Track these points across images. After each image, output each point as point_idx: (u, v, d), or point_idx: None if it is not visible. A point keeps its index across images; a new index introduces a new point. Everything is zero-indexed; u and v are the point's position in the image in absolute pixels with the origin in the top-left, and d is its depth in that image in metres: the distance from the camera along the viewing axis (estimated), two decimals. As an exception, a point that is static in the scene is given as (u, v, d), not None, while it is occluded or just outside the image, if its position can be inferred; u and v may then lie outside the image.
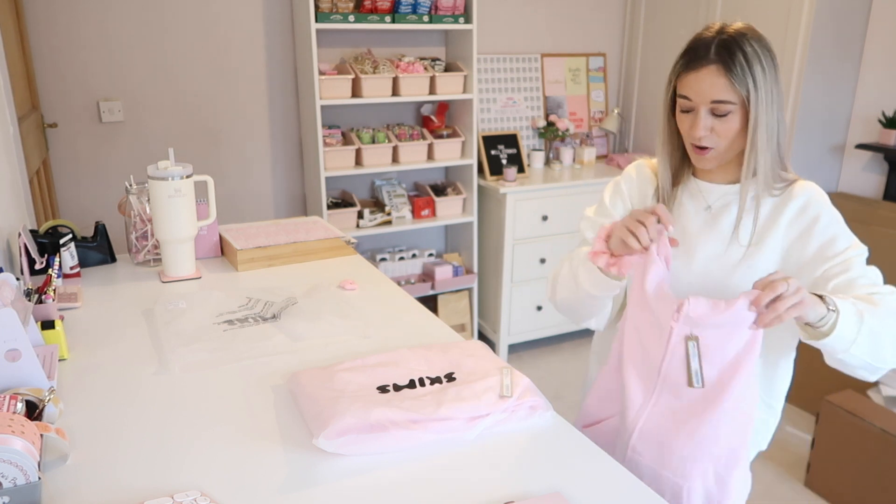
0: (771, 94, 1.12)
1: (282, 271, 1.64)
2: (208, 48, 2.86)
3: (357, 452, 0.90)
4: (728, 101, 1.11)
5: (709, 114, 1.13)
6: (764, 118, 1.11)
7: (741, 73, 1.10)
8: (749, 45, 1.12)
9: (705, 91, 1.11)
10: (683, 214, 1.24)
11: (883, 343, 1.04)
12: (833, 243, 1.14)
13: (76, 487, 0.84)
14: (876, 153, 2.73)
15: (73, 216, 2.73)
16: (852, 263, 1.12)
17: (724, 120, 1.12)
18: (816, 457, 2.29)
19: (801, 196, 1.17)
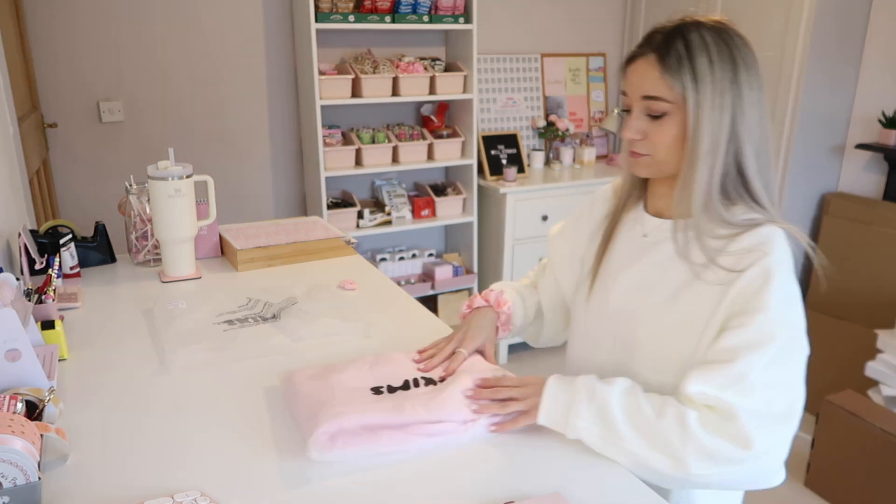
0: (723, 95, 0.89)
1: (282, 271, 1.64)
2: (208, 48, 2.86)
3: (348, 457, 0.89)
4: (660, 99, 0.91)
5: (643, 114, 0.94)
6: (707, 126, 0.89)
7: (676, 64, 0.90)
8: (698, 34, 0.91)
9: (637, 84, 0.94)
10: (619, 242, 1.08)
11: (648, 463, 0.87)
12: (751, 297, 0.88)
13: (76, 487, 0.84)
14: (876, 153, 2.73)
15: (73, 216, 2.73)
16: (740, 356, 0.86)
17: (659, 123, 0.93)
18: (816, 457, 2.29)
19: (753, 237, 0.91)
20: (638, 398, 0.90)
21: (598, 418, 0.89)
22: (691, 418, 0.86)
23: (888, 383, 2.32)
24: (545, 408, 0.92)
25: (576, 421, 0.89)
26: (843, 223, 2.77)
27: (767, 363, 0.86)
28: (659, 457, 0.86)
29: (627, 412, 0.88)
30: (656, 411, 0.88)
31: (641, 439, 0.87)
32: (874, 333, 2.43)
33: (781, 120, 2.75)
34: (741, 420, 0.84)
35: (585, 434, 0.89)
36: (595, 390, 0.91)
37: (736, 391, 0.85)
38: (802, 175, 2.81)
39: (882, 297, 2.64)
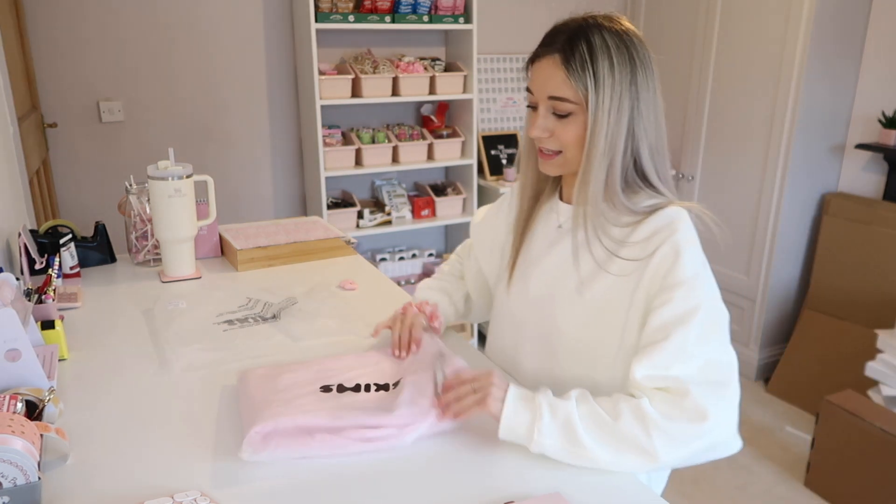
0: (621, 97, 0.93)
1: (282, 271, 1.64)
2: (208, 48, 2.86)
3: (281, 457, 0.88)
4: (565, 99, 0.94)
5: (549, 112, 0.97)
6: (603, 129, 0.93)
7: (579, 68, 0.92)
8: (600, 36, 0.93)
9: (542, 84, 0.96)
10: (536, 234, 1.11)
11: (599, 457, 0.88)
12: (666, 275, 0.92)
13: (76, 487, 0.84)
14: (876, 153, 2.73)
15: (73, 216, 2.72)
16: (673, 332, 0.90)
17: (565, 122, 0.96)
18: (816, 457, 2.29)
19: (656, 220, 0.96)
20: (591, 405, 0.89)
21: (562, 434, 0.87)
22: (647, 409, 0.87)
23: (888, 383, 2.32)
24: (507, 424, 0.89)
25: (541, 439, 0.87)
26: (843, 223, 2.77)
27: (699, 333, 0.89)
28: (628, 457, 0.87)
29: (587, 423, 0.87)
30: (612, 414, 0.88)
31: (607, 446, 0.87)
32: (874, 333, 2.43)
33: (781, 120, 2.75)
34: (692, 394, 0.87)
35: (550, 450, 0.88)
36: (556, 407, 0.89)
37: (679, 367, 0.89)
38: (802, 175, 2.81)
39: (882, 297, 2.64)
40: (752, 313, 3.01)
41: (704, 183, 3.17)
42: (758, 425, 2.71)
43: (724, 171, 3.06)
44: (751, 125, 2.89)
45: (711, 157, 3.12)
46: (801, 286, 3.02)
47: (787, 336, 3.03)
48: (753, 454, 2.52)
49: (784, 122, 2.74)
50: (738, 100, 2.93)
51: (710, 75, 3.04)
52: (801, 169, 2.80)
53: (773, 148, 2.80)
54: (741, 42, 2.88)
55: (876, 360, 2.36)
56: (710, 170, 3.13)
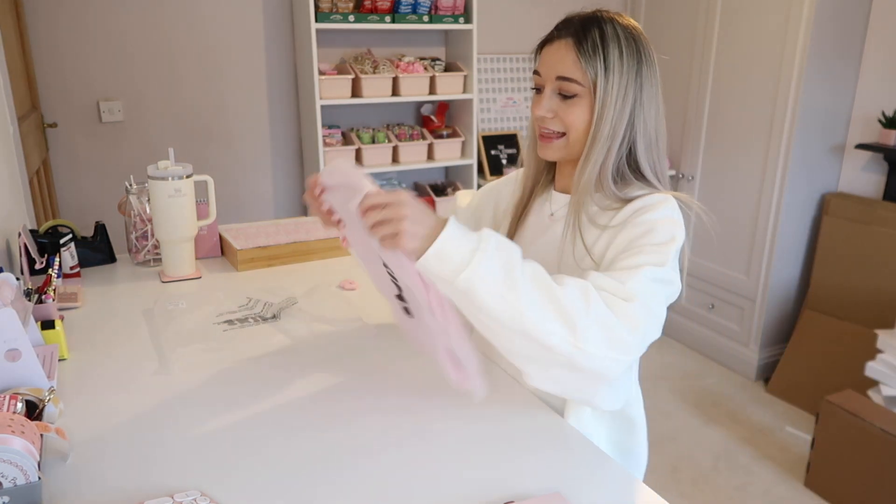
0: (627, 87, 0.97)
1: (282, 271, 1.64)
2: (208, 48, 2.86)
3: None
4: (574, 80, 0.97)
5: (555, 93, 1.00)
6: (609, 114, 0.97)
7: (591, 51, 0.96)
8: (612, 26, 0.98)
9: (552, 65, 0.99)
10: (528, 223, 1.13)
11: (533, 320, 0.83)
12: (638, 238, 0.95)
13: (76, 487, 0.84)
14: (876, 153, 2.73)
15: (73, 216, 2.73)
16: (631, 256, 0.93)
17: (570, 103, 0.99)
18: (816, 457, 2.29)
19: (639, 201, 0.99)
20: (537, 265, 0.87)
21: (501, 272, 0.82)
22: (593, 291, 0.86)
23: (888, 383, 2.32)
24: (443, 245, 0.81)
25: (478, 266, 0.81)
26: (843, 223, 2.77)
27: (657, 274, 0.91)
28: (553, 325, 0.83)
29: (530, 274, 0.84)
30: (558, 280, 0.86)
31: (541, 299, 0.82)
32: (874, 333, 2.43)
33: (781, 120, 2.75)
34: (636, 302, 0.87)
35: (481, 282, 0.81)
36: (502, 243, 0.85)
37: (632, 283, 0.89)
38: (802, 175, 2.81)
39: (882, 297, 2.64)
40: (752, 313, 3.01)
41: (704, 183, 3.17)
42: (758, 425, 2.71)
43: (724, 171, 3.06)
44: (751, 125, 2.89)
45: (711, 157, 3.12)
46: (801, 286, 3.02)
47: (787, 336, 3.03)
48: (753, 454, 2.52)
49: (784, 122, 2.74)
50: (738, 100, 2.93)
51: (710, 75, 3.04)
52: (801, 169, 2.80)
53: (772, 148, 2.80)
54: (741, 42, 2.88)
55: (876, 360, 2.36)
56: (710, 170, 3.13)
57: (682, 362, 3.20)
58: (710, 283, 3.16)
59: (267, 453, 0.91)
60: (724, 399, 2.90)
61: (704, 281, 3.16)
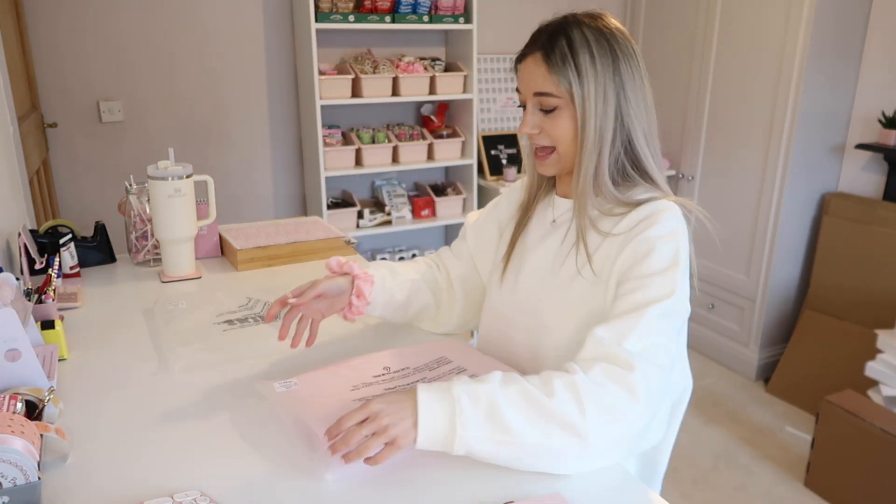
0: (606, 88, 0.95)
1: (282, 271, 1.64)
2: (208, 48, 2.86)
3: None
4: (550, 94, 0.97)
5: (536, 109, 1.00)
6: (592, 120, 0.95)
7: (560, 62, 0.95)
8: (579, 31, 0.96)
9: (527, 82, 0.99)
10: (531, 228, 1.13)
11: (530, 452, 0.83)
12: (641, 261, 0.93)
13: (76, 487, 0.84)
14: (876, 153, 2.73)
15: (73, 216, 2.73)
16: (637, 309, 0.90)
17: (552, 116, 0.98)
18: (816, 457, 2.29)
19: (643, 210, 0.97)
20: (520, 383, 0.85)
21: (487, 421, 0.81)
22: (581, 383, 0.84)
23: (888, 383, 2.32)
24: (424, 429, 0.80)
25: (464, 431, 0.80)
26: (843, 223, 2.77)
27: (661, 315, 0.89)
28: (556, 438, 0.82)
29: (515, 403, 0.82)
30: (544, 390, 0.83)
31: (539, 430, 0.82)
32: (874, 333, 2.43)
33: (781, 120, 2.75)
34: (636, 370, 0.85)
35: (475, 443, 0.81)
36: (476, 392, 0.83)
37: (633, 341, 0.87)
38: (802, 175, 2.81)
39: (882, 297, 2.64)
40: (752, 313, 3.01)
41: (704, 183, 3.17)
42: (758, 425, 2.71)
43: (724, 171, 3.06)
44: (751, 125, 2.89)
45: (711, 157, 3.12)
46: (801, 286, 3.02)
47: (787, 336, 3.03)
48: (753, 454, 2.52)
49: (784, 122, 2.74)
50: (738, 100, 2.93)
51: (710, 75, 3.04)
52: (801, 169, 2.80)
53: (773, 148, 2.80)
54: (741, 42, 2.88)
55: (876, 360, 2.36)
56: (710, 170, 3.13)
57: (682, 362, 3.20)
58: (710, 283, 3.16)
59: (267, 453, 0.91)
60: (724, 399, 2.90)
61: (704, 281, 3.16)
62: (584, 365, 0.87)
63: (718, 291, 3.14)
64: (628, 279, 0.93)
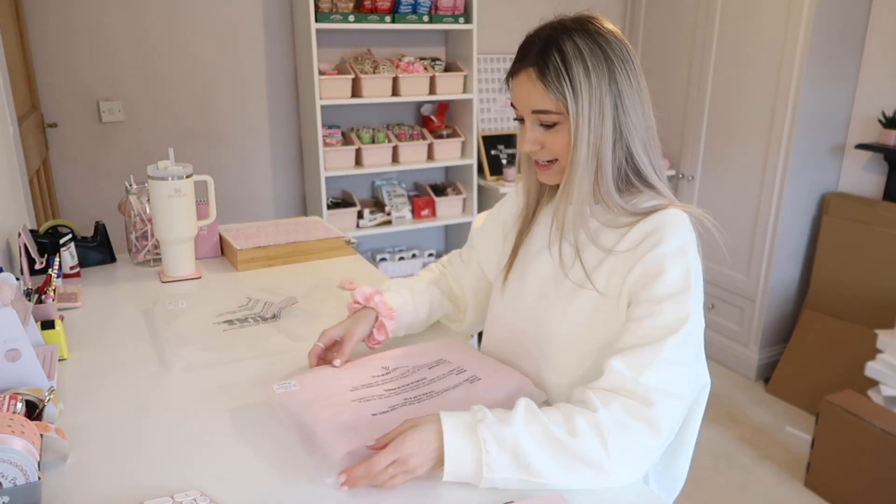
0: (602, 100, 0.91)
1: (282, 271, 1.64)
2: (208, 48, 2.86)
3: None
4: (548, 111, 0.93)
5: (536, 125, 0.96)
6: (585, 133, 0.92)
7: (555, 78, 0.91)
8: (571, 42, 0.91)
9: (523, 99, 0.96)
10: (536, 233, 1.10)
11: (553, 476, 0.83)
12: (652, 282, 0.91)
13: (76, 487, 0.84)
14: (876, 153, 2.73)
15: (73, 216, 2.73)
16: (654, 340, 0.88)
17: (553, 132, 0.95)
18: (816, 457, 2.29)
19: (650, 222, 0.94)
20: (543, 423, 0.84)
21: (513, 465, 0.82)
22: (604, 422, 0.84)
23: (888, 383, 2.32)
24: (450, 468, 0.82)
25: (490, 474, 0.82)
26: (843, 223, 2.77)
27: (678, 342, 0.88)
28: (580, 475, 0.84)
29: (541, 446, 0.83)
30: (567, 429, 0.84)
31: (563, 468, 0.83)
32: (874, 333, 2.43)
33: (781, 120, 2.75)
34: (656, 405, 0.85)
35: (502, 483, 0.83)
36: (502, 435, 0.83)
37: (651, 374, 0.87)
38: (802, 175, 2.81)
39: (882, 297, 2.64)
40: (752, 313, 3.01)
41: (704, 183, 3.17)
42: (758, 425, 2.71)
43: (724, 171, 3.06)
44: (751, 125, 2.89)
45: (711, 157, 3.12)
46: (801, 286, 3.02)
47: (787, 336, 3.03)
48: (753, 454, 2.52)
49: (784, 123, 2.74)
50: (738, 100, 2.93)
51: (710, 75, 3.04)
52: (801, 169, 2.80)
53: (773, 148, 2.80)
54: (741, 42, 2.88)
55: (876, 360, 2.36)
56: (710, 170, 3.13)
57: (682, 362, 3.20)
58: (710, 283, 3.15)
59: (267, 453, 0.91)
60: (724, 399, 2.90)
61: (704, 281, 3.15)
62: (601, 397, 0.87)
63: (718, 291, 3.15)
64: (640, 302, 0.91)
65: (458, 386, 1.02)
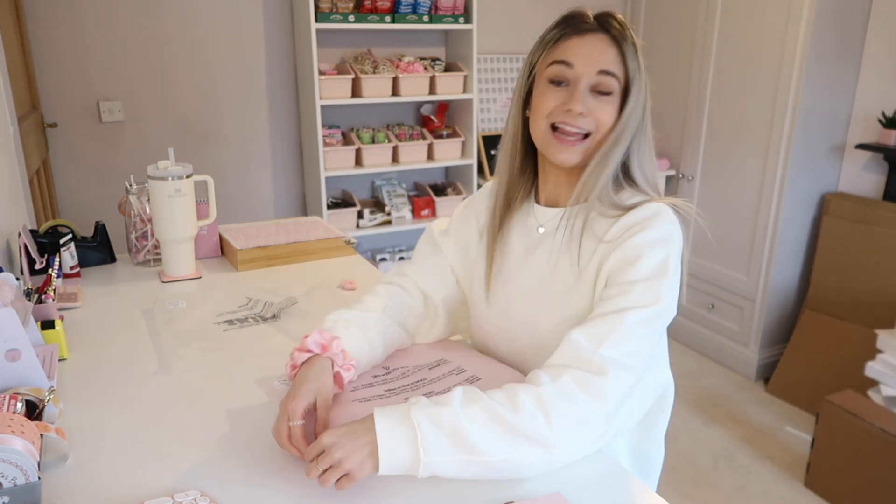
0: (645, 91, 0.96)
1: (282, 271, 1.64)
2: (208, 48, 2.86)
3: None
4: (615, 75, 0.94)
5: (588, 90, 0.94)
6: (635, 115, 0.95)
7: (632, 51, 0.94)
8: (627, 25, 0.96)
9: (594, 57, 0.93)
10: (513, 240, 1.06)
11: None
12: (629, 266, 0.90)
13: (76, 487, 0.84)
14: (876, 153, 2.73)
15: (73, 216, 2.73)
16: (619, 314, 0.88)
17: (604, 100, 0.94)
18: (816, 457, 2.29)
19: (635, 214, 0.94)
20: (482, 401, 0.82)
21: (452, 446, 0.79)
22: (546, 392, 0.83)
23: (888, 383, 2.32)
24: (386, 458, 0.78)
25: (428, 457, 0.78)
26: (843, 223, 2.77)
27: (642, 319, 0.88)
28: (525, 449, 0.81)
29: (479, 422, 0.80)
30: (509, 406, 0.82)
31: (506, 444, 0.81)
32: (874, 333, 2.43)
33: (781, 120, 2.75)
34: (608, 375, 0.85)
35: (441, 465, 0.80)
36: (437, 415, 0.80)
37: (609, 347, 0.86)
38: (802, 175, 2.81)
39: (882, 297, 2.64)
40: (752, 313, 3.01)
41: (704, 183, 3.17)
42: (758, 425, 2.71)
43: (724, 171, 3.06)
44: (751, 125, 2.89)
45: (711, 157, 3.12)
46: (801, 286, 3.02)
47: (787, 336, 3.03)
48: (753, 454, 2.52)
49: (784, 122, 2.74)
50: (738, 100, 2.93)
51: (710, 75, 3.04)
52: (801, 169, 2.80)
53: (773, 148, 2.80)
54: (741, 42, 2.88)
55: (876, 360, 2.36)
56: (710, 170, 3.13)
57: (682, 362, 3.20)
58: (710, 283, 3.16)
59: (267, 453, 0.91)
60: (724, 399, 2.90)
61: (704, 281, 3.17)
62: (553, 372, 0.86)
63: (718, 291, 3.14)
64: (613, 284, 0.91)
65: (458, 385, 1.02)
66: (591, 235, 0.97)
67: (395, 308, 1.11)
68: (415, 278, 1.15)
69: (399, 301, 1.12)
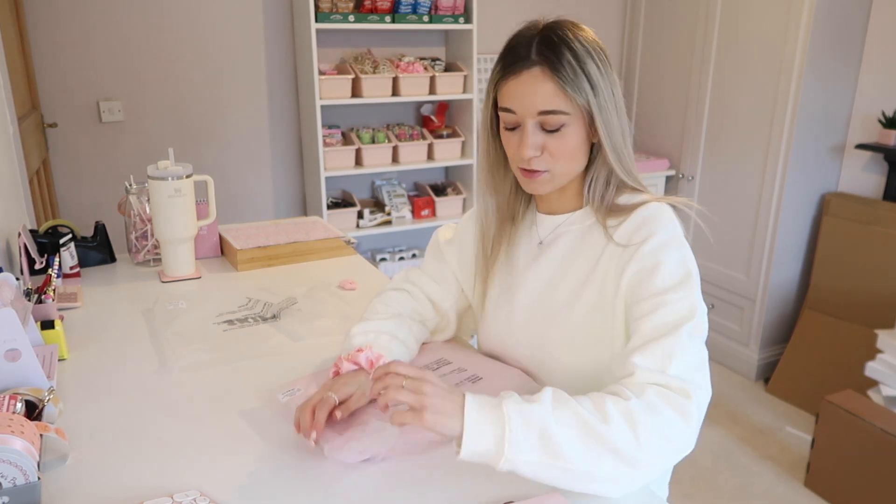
0: (613, 97, 0.91)
1: (282, 271, 1.64)
2: (208, 48, 2.86)
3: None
4: (559, 112, 0.89)
5: (538, 129, 0.91)
6: (608, 126, 0.92)
7: (572, 76, 0.88)
8: (574, 39, 0.89)
9: (529, 100, 0.90)
10: (515, 253, 1.06)
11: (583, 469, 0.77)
12: (651, 276, 0.89)
13: (76, 487, 0.84)
14: (876, 153, 2.73)
15: (73, 216, 2.73)
16: (669, 332, 0.85)
17: (557, 136, 0.91)
18: (816, 457, 2.29)
19: (636, 218, 0.94)
20: (572, 407, 0.79)
21: (538, 444, 0.76)
22: (635, 406, 0.79)
23: (888, 383, 2.32)
24: (470, 444, 0.75)
25: (513, 453, 0.75)
26: (843, 223, 2.77)
27: (691, 331, 0.86)
28: (610, 464, 0.78)
29: (569, 428, 0.77)
30: (599, 416, 0.78)
31: (594, 455, 0.77)
32: (874, 333, 2.43)
33: (781, 120, 2.74)
34: (693, 397, 0.82)
35: (524, 464, 0.77)
36: (527, 413, 0.77)
37: (677, 366, 0.84)
38: (802, 175, 2.81)
39: (882, 297, 2.64)
40: (752, 313, 3.01)
41: (704, 183, 3.17)
42: (758, 425, 2.71)
43: (724, 171, 3.06)
44: (751, 125, 2.89)
45: (711, 157, 3.12)
46: (801, 286, 3.02)
47: (787, 336, 3.03)
48: (753, 454, 2.52)
49: (784, 122, 2.74)
50: (738, 100, 2.93)
51: (710, 75, 3.04)
52: (801, 169, 2.80)
53: (773, 148, 2.80)
54: (741, 41, 2.88)
55: (876, 360, 2.36)
56: (710, 170, 3.13)
57: (682, 362, 3.20)
58: (710, 283, 3.16)
59: (267, 453, 0.91)
60: (724, 399, 2.90)
61: (704, 281, 3.16)
62: (634, 388, 0.82)
63: (718, 291, 3.14)
64: (643, 298, 0.89)
65: (459, 385, 1.02)
66: (596, 239, 0.97)
67: (409, 309, 1.15)
68: (421, 286, 1.18)
69: (409, 306, 1.16)
